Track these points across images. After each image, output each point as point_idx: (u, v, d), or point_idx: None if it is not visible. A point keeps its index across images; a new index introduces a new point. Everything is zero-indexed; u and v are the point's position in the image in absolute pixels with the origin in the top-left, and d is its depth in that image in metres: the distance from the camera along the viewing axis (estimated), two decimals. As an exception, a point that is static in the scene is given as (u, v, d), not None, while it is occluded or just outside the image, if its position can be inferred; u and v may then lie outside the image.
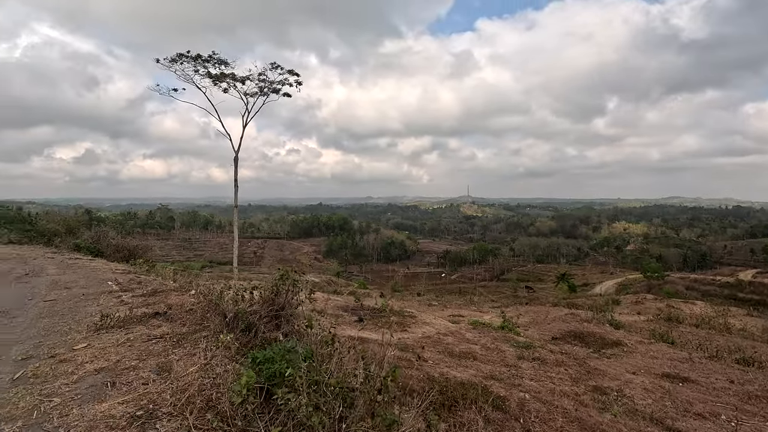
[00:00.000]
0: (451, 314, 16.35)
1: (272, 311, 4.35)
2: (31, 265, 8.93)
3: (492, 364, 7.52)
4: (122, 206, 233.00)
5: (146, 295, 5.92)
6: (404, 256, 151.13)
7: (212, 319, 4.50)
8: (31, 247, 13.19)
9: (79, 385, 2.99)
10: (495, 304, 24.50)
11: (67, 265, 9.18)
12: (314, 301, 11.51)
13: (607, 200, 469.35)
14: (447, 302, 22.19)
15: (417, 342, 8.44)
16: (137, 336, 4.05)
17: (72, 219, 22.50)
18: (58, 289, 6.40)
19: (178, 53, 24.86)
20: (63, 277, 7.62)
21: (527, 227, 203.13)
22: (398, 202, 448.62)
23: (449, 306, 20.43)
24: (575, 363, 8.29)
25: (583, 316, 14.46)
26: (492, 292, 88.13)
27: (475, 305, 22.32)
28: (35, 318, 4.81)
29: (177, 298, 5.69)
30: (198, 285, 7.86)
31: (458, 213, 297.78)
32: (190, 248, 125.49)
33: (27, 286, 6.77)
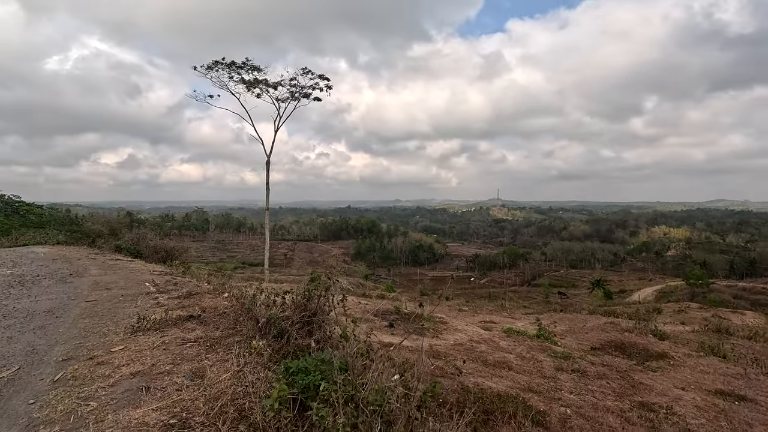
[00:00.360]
0: (482, 320, 15.96)
1: (304, 317, 4.28)
2: (75, 266, 9.30)
3: (529, 374, 7.20)
4: (161, 208, 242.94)
5: (181, 297, 6.00)
6: (432, 260, 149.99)
7: (245, 324, 4.47)
8: (77, 248, 13.81)
9: (115, 389, 2.99)
10: (527, 310, 23.77)
11: (108, 266, 9.51)
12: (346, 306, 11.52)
13: (646, 203, 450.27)
14: (477, 307, 21.73)
15: (449, 349, 8.22)
16: (172, 339, 4.06)
17: (114, 221, 23.55)
18: (99, 290, 6.59)
19: (214, 60, 25.69)
20: (104, 277, 7.87)
21: (560, 231, 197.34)
22: (426, 205, 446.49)
23: (480, 311, 19.98)
24: (618, 376, 7.84)
25: (623, 325, 13.74)
26: (523, 297, 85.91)
27: (507, 311, 21.73)
28: (77, 318, 4.94)
29: (211, 301, 5.73)
30: (231, 288, 7.95)
31: (487, 216, 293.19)
32: (223, 250, 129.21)
33: (71, 286, 7.01)
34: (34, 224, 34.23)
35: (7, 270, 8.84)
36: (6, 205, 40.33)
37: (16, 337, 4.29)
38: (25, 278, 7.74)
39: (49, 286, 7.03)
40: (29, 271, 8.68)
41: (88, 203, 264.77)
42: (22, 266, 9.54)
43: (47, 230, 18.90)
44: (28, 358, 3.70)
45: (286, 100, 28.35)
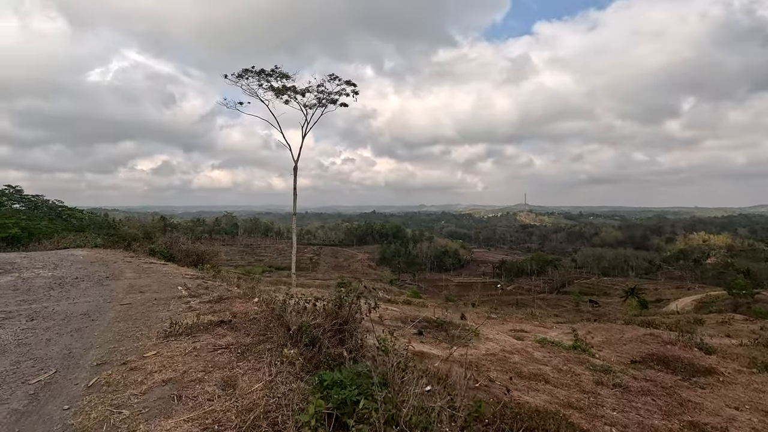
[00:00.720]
0: (512, 329, 15.48)
1: (336, 325, 4.15)
2: (112, 269, 9.55)
3: (567, 389, 6.84)
4: (192, 213, 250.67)
5: (212, 301, 6.00)
6: (458, 266, 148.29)
7: (276, 331, 4.39)
8: (113, 251, 14.25)
9: (148, 396, 2.94)
10: (559, 319, 22.98)
11: (142, 269, 9.72)
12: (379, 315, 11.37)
13: (683, 209, 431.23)
14: (507, 315, 21.16)
15: (481, 359, 7.93)
16: (203, 345, 4.02)
17: (149, 225, 24.30)
18: (133, 293, 6.69)
19: (244, 69, 26.24)
20: (138, 281, 8.02)
21: (590, 237, 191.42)
22: (452, 210, 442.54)
23: (509, 319, 19.43)
24: (664, 392, 7.35)
25: (665, 338, 13.01)
26: (552, 305, 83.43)
27: (538, 320, 21.06)
28: (111, 321, 4.99)
29: (241, 306, 5.70)
30: (260, 293, 7.94)
31: (514, 221, 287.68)
32: (251, 253, 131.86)
33: (107, 289, 7.16)
34: (76, 228, 35.83)
35: (49, 272, 9.15)
36: (50, 210, 42.50)
37: (54, 339, 4.35)
38: (65, 280, 7.98)
39: (86, 288, 7.20)
40: (68, 273, 8.95)
41: (125, 208, 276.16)
42: (62, 268, 9.87)
43: (87, 234, 19.63)
44: (64, 361, 3.72)
45: (314, 106, 28.62)
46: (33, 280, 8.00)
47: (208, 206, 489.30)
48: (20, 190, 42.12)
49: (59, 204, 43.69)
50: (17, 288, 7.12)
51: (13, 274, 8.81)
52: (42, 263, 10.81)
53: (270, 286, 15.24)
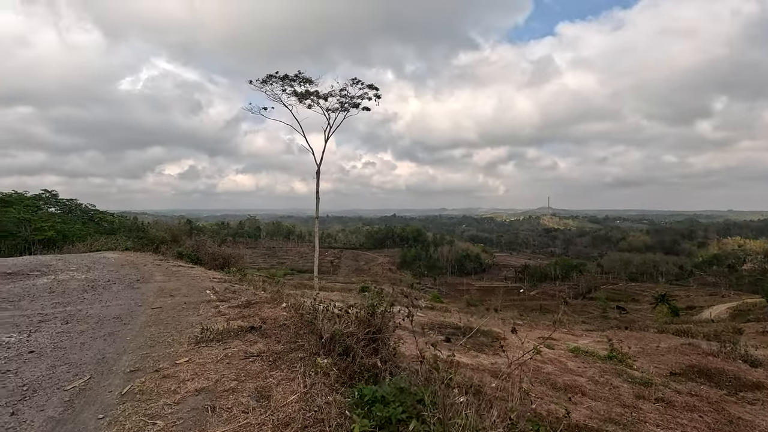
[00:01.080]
0: (540, 336, 15.02)
1: (369, 333, 4.01)
2: (142, 272, 9.70)
3: (605, 402, 6.50)
4: (217, 216, 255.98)
5: (241, 306, 5.96)
6: (479, 270, 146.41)
7: (307, 338, 4.28)
8: (143, 254, 14.55)
9: (181, 407, 2.86)
10: (588, 326, 22.26)
11: (171, 272, 9.84)
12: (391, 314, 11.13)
13: (715, 212, 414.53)
14: (533, 321, 20.61)
15: (511, 367, 7.64)
16: (235, 352, 3.94)
17: (175, 228, 24.86)
18: (163, 297, 6.73)
19: (268, 74, 26.63)
20: (168, 284, 8.09)
21: (617, 241, 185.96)
22: (473, 213, 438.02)
23: (536, 326, 18.92)
24: (710, 408, 6.91)
25: (705, 348, 12.37)
26: (577, 311, 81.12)
27: (566, 327, 20.44)
28: (143, 326, 5.00)
29: (270, 311, 5.64)
30: (288, 297, 7.89)
31: (537, 225, 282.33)
32: (274, 256, 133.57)
33: (138, 292, 7.23)
34: (107, 231, 37.13)
35: (82, 275, 9.36)
36: (83, 213, 44.14)
37: (88, 343, 4.36)
38: (98, 283, 8.12)
39: (118, 291, 7.30)
40: (101, 276, 9.13)
41: (153, 211, 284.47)
42: (95, 271, 10.09)
43: (117, 236, 20.17)
44: (98, 366, 3.70)
45: (336, 110, 28.79)
46: (67, 282, 8.17)
47: (231, 209, 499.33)
48: (56, 195, 43.91)
49: (91, 208, 45.35)
50: (53, 290, 7.27)
51: (49, 277, 9.04)
52: (76, 266, 11.10)
53: (294, 290, 15.28)
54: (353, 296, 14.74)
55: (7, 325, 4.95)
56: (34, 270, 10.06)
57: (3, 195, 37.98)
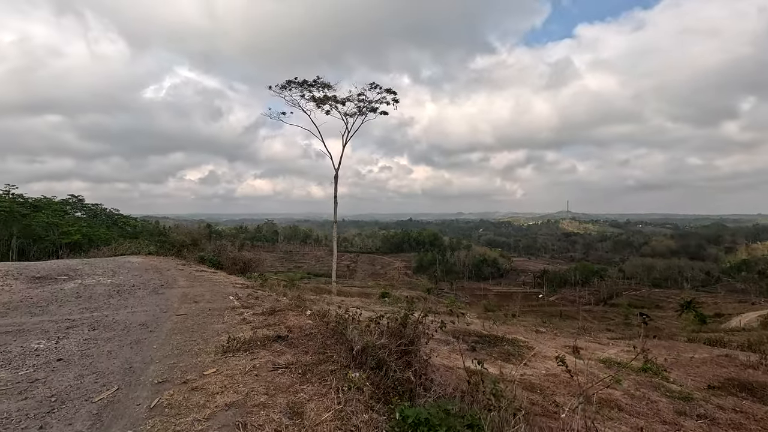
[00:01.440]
0: (565, 344, 14.57)
1: (401, 345, 3.84)
2: (165, 277, 9.74)
3: (644, 418, 6.16)
4: (235, 221, 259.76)
5: (265, 313, 5.86)
6: (497, 275, 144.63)
7: (336, 349, 4.13)
8: (165, 258, 14.69)
9: (211, 423, 2.74)
10: (613, 334, 21.55)
11: (194, 277, 9.86)
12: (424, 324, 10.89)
13: (744, 216, 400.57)
14: (556, 329, 20.07)
15: (543, 381, 7.36)
16: (263, 363, 3.82)
17: (196, 232, 25.25)
18: (187, 303, 6.68)
19: (287, 80, 26.92)
20: (191, 290, 8.07)
21: (639, 246, 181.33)
22: (490, 217, 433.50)
23: (560, 333, 18.39)
24: (758, 427, 6.49)
25: (743, 360, 11.77)
26: (598, 317, 79.12)
27: (590, 335, 19.84)
28: (169, 333, 4.93)
29: (295, 319, 5.52)
30: (311, 303, 7.78)
31: (556, 229, 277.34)
32: (290, 260, 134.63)
33: (162, 297, 7.22)
34: (130, 235, 38.00)
35: (108, 279, 9.45)
36: (107, 218, 45.32)
37: (115, 351, 4.31)
38: (123, 288, 8.16)
39: (143, 297, 7.30)
40: (126, 281, 9.20)
41: (174, 215, 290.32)
42: (120, 276, 10.19)
43: (140, 240, 20.49)
44: (125, 377, 3.62)
45: (354, 115, 28.86)
46: (94, 287, 8.23)
47: (249, 214, 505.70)
48: (82, 199, 45.22)
49: (115, 212, 46.56)
50: (80, 296, 7.32)
51: (76, 281, 9.15)
52: (101, 270, 11.24)
53: (312, 294, 15.22)
54: (373, 302, 14.58)
55: (36, 331, 4.95)
56: (62, 274, 10.22)
57: (33, 200, 39.34)
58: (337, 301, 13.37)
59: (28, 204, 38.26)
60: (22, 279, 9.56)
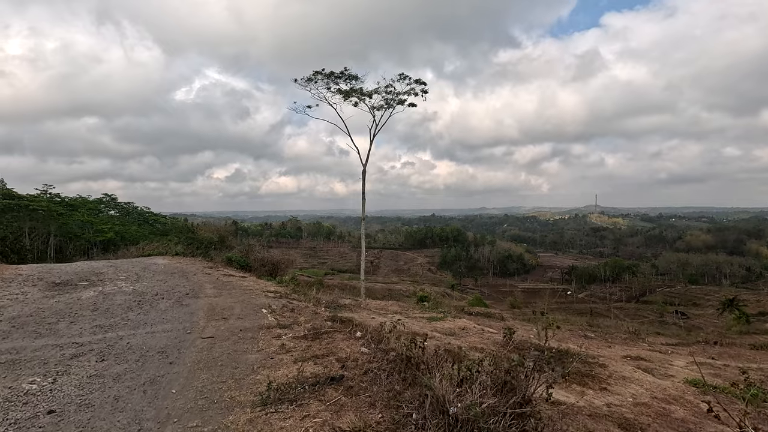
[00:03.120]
0: (626, 355, 13.10)
1: (510, 405, 2.70)
2: (192, 283, 8.88)
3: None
4: (260, 218, 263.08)
5: (308, 337, 4.82)
6: (523, 271, 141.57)
7: (413, 401, 3.01)
8: (192, 259, 13.98)
9: None
10: (667, 339, 19.75)
11: (222, 283, 8.97)
12: (465, 330, 9.59)
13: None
14: (606, 334, 18.47)
15: (635, 413, 6.11)
16: (318, 427, 2.75)
17: (222, 229, 24.88)
18: (215, 320, 5.72)
19: (314, 71, 25.94)
20: (219, 300, 7.14)
21: (673, 241, 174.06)
22: (515, 212, 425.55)
23: (612, 340, 16.83)
24: None
25: None
26: (631, 315, 75.78)
27: (643, 340, 18.16)
28: (192, 368, 3.93)
29: (345, 345, 4.45)
30: (348, 310, 6.73)
31: (584, 224, 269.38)
32: (314, 256, 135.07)
33: (187, 311, 6.30)
34: (160, 232, 38.29)
35: (130, 286, 8.66)
36: (139, 216, 45.97)
37: (124, 398, 3.33)
38: (144, 298, 7.31)
39: (165, 309, 6.40)
40: (149, 287, 8.38)
41: (202, 213, 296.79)
42: (143, 281, 9.42)
43: (169, 239, 20.04)
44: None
45: (382, 108, 27.71)
46: (114, 296, 7.42)
47: (274, 211, 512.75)
48: (115, 198, 45.96)
49: (147, 210, 47.15)
50: (96, 308, 6.49)
51: (97, 288, 8.39)
52: (125, 274, 10.54)
53: (345, 296, 14.23)
54: (411, 306, 13.46)
55: (34, 362, 4.05)
56: (83, 279, 9.53)
57: (69, 200, 40.10)
58: (374, 306, 12.33)
59: (64, 203, 39.04)
60: (41, 285, 8.89)
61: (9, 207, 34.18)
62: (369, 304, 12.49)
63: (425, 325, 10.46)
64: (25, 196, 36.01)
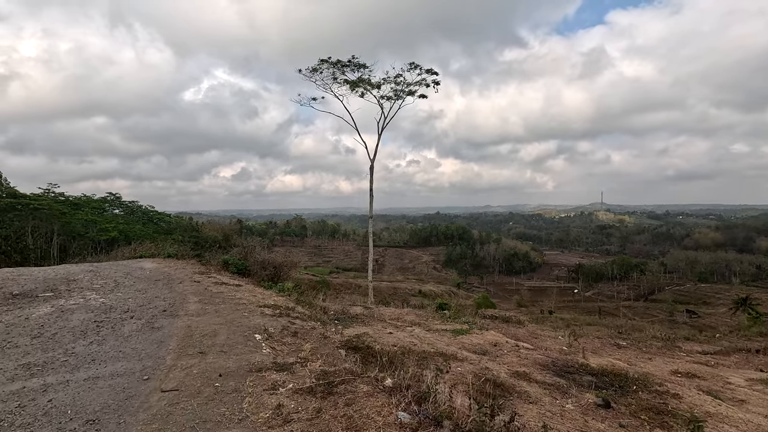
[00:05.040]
0: (675, 371, 11.51)
1: None
2: (174, 295, 7.38)
3: None
4: (265, 216, 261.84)
5: (315, 390, 3.30)
6: (528, 269, 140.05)
7: None
8: (184, 263, 12.50)
9: None
10: (704, 346, 18.11)
11: (210, 295, 7.46)
12: (497, 347, 7.97)
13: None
14: (639, 342, 16.88)
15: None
16: None
17: (227, 227, 23.59)
18: (188, 355, 4.21)
19: (320, 59, 24.37)
20: (202, 320, 5.63)
21: (681, 239, 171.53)
22: (519, 210, 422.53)
23: (646, 348, 15.25)
24: None
25: None
26: (640, 314, 74.01)
27: (678, 347, 16.54)
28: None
29: (373, 409, 2.93)
30: (378, 335, 5.20)
31: (590, 222, 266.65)
32: (319, 255, 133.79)
33: (155, 338, 4.80)
34: (165, 231, 37.03)
35: (101, 298, 7.19)
36: (143, 215, 44.76)
37: None
38: (110, 316, 5.83)
39: (129, 336, 4.91)
40: (122, 300, 6.90)
41: (207, 212, 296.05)
42: (119, 291, 7.95)
43: (162, 241, 18.76)
44: None
45: (391, 99, 26.15)
46: (72, 314, 5.94)
47: (278, 209, 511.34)
48: (119, 197, 44.82)
49: (151, 209, 46.06)
50: (41, 333, 5.00)
51: (57, 301, 6.91)
52: (103, 281, 9.08)
53: (355, 304, 12.72)
54: (430, 315, 11.90)
55: None
56: (48, 289, 8.07)
57: (73, 199, 39.19)
58: (388, 316, 10.81)
59: (68, 202, 38.04)
60: (-5, 297, 7.45)
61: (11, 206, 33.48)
62: (382, 312, 11.00)
63: (451, 340, 8.92)
64: (28, 194, 35.28)
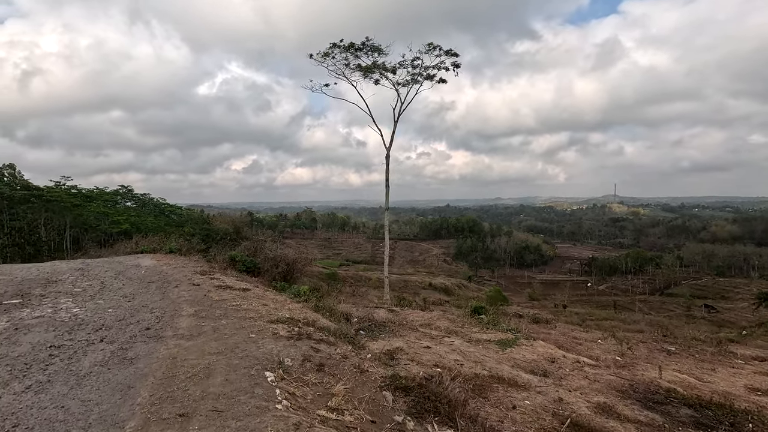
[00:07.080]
0: (750, 386, 9.91)
1: None
2: (166, 303, 5.98)
3: None
4: (275, 209, 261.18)
5: None
6: (540, 262, 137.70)
7: None
8: (186, 260, 11.13)
9: None
10: (757, 352, 16.40)
11: (210, 303, 6.04)
12: (558, 366, 6.55)
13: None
14: (687, 344, 15.22)
15: None
16: None
17: (238, 220, 22.45)
18: (160, 423, 2.77)
19: (332, 43, 22.71)
20: (193, 346, 4.21)
21: (697, 231, 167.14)
22: (530, 203, 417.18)
23: (701, 356, 13.60)
24: None
25: None
26: (656, 309, 71.62)
27: (733, 351, 14.85)
28: None
29: None
30: (412, 348, 3.72)
31: (603, 214, 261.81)
32: (329, 247, 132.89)
33: (123, 377, 3.38)
34: (176, 223, 36.37)
35: (76, 307, 5.82)
36: (155, 207, 44.05)
37: None
38: (74, 338, 4.43)
39: (87, 374, 3.50)
40: (99, 312, 5.52)
41: (218, 204, 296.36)
42: (102, 297, 6.59)
43: (163, 236, 17.61)
44: None
45: (407, 84, 24.43)
46: (27, 333, 4.56)
47: (289, 202, 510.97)
48: (131, 190, 44.08)
49: (163, 201, 45.28)
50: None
51: (16, 314, 5.54)
52: (87, 283, 7.75)
53: (380, 309, 11.30)
54: (465, 320, 10.36)
55: None
56: (18, 294, 6.73)
57: (86, 191, 38.69)
58: (418, 322, 9.32)
59: (80, 195, 37.47)
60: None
61: (25, 198, 33.07)
62: (410, 318, 9.55)
63: (499, 355, 7.40)
64: (41, 187, 34.84)
